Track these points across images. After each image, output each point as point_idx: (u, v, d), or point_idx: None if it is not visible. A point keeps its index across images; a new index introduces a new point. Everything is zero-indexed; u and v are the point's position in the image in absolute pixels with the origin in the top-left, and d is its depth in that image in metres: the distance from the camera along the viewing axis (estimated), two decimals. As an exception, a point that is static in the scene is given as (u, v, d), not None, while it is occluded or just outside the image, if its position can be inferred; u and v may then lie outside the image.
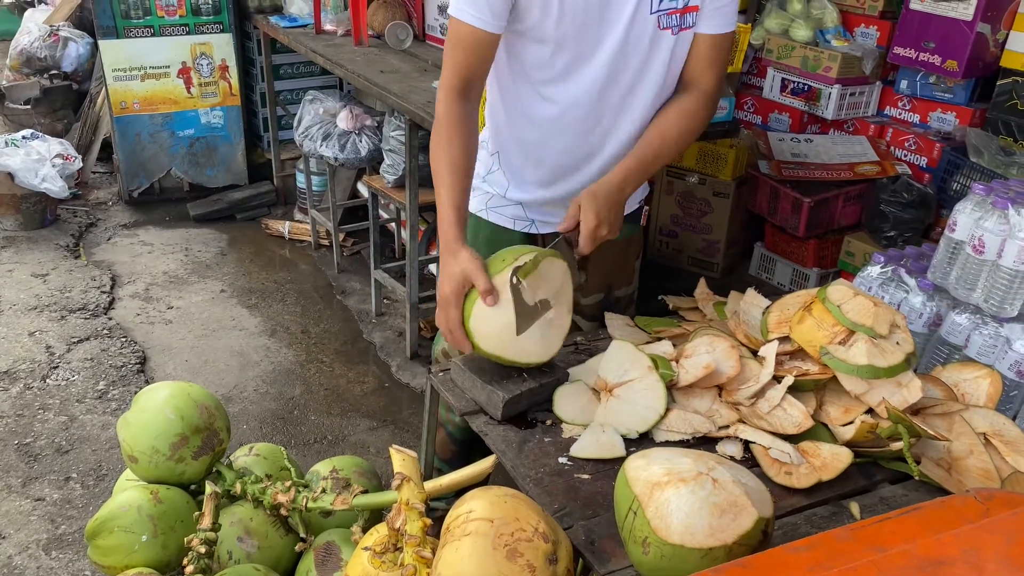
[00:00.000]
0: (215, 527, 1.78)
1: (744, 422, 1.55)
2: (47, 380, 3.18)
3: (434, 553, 1.32)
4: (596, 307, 2.03)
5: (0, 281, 3.91)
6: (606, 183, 1.68)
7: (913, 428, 1.43)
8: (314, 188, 4.60)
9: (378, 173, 3.65)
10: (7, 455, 2.75)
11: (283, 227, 4.67)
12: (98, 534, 1.87)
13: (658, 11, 1.66)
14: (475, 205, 2.00)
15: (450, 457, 2.15)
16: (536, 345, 1.62)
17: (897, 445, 1.46)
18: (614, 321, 1.94)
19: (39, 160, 4.45)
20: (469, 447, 2.07)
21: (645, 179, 1.75)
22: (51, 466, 2.71)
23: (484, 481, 1.59)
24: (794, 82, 3.76)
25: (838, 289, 1.64)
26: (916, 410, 1.54)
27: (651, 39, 1.69)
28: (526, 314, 1.59)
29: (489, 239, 1.97)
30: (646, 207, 1.94)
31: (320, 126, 3.87)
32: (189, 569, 1.68)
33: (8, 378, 3.17)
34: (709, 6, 1.67)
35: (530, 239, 1.96)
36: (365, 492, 1.78)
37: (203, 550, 1.71)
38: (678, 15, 1.68)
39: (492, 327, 1.59)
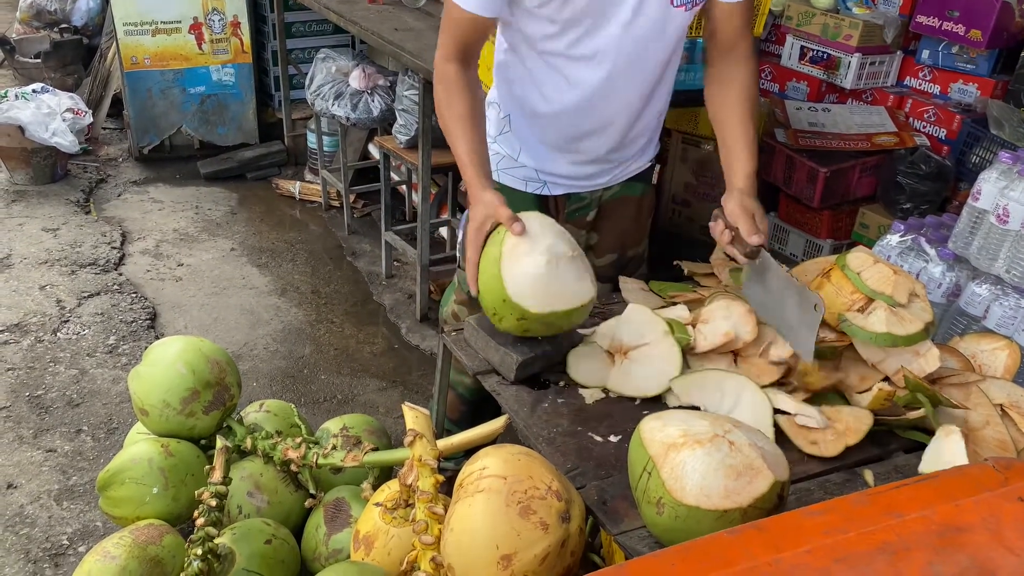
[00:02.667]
0: (226, 481, 1.78)
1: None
2: (58, 334, 3.19)
3: (446, 510, 1.32)
4: (610, 267, 2.02)
5: (11, 235, 3.91)
6: (750, 192, 1.71)
7: (935, 397, 1.42)
8: (325, 148, 4.57)
9: (390, 133, 3.62)
10: (19, 406, 2.76)
11: (294, 187, 4.65)
12: (109, 485, 1.88)
13: None
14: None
15: (459, 418, 2.16)
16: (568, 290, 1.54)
17: (914, 414, 1.45)
18: (628, 285, 1.93)
19: (49, 114, 4.43)
20: (479, 408, 2.07)
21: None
22: (62, 418, 2.73)
23: (494, 442, 1.58)
24: (813, 50, 3.70)
25: (858, 256, 1.62)
26: (933, 380, 1.52)
27: (663, 16, 1.67)
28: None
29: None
30: (658, 165, 1.94)
31: (332, 85, 3.83)
32: (200, 522, 1.69)
33: (19, 331, 3.18)
34: None
35: (542, 201, 1.95)
36: (376, 450, 1.78)
37: (214, 503, 1.72)
38: None
39: (523, 274, 1.51)
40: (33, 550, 2.22)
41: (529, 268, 1.50)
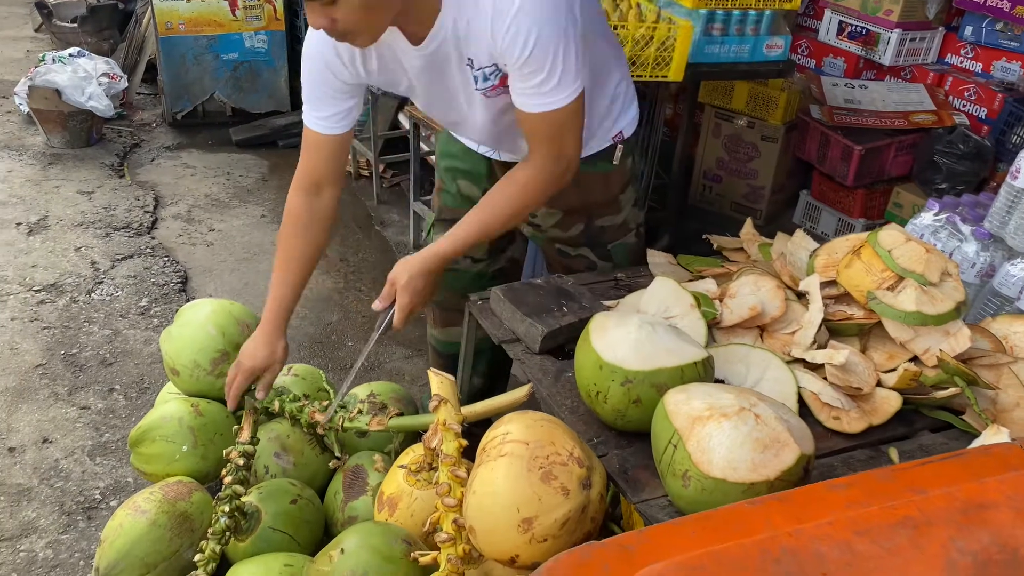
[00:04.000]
0: (253, 441, 1.81)
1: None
2: (92, 294, 3.24)
3: (468, 473, 1.34)
4: (581, 236, 1.97)
5: (48, 197, 3.97)
6: (424, 263, 1.66)
7: (972, 378, 1.40)
8: (356, 117, 4.57)
9: (421, 103, 3.62)
10: (54, 364, 2.82)
11: (324, 155, 4.66)
12: (141, 442, 1.93)
13: (481, 89, 1.60)
14: None
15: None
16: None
17: (942, 393, 1.44)
18: (655, 259, 1.92)
19: (85, 78, 4.47)
20: (454, 361, 2.09)
21: (471, 250, 1.77)
22: (95, 377, 2.78)
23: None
24: (852, 25, 3.63)
25: (890, 234, 1.60)
26: (963, 360, 1.51)
27: (464, 88, 1.63)
28: None
29: (456, 155, 1.99)
30: (620, 145, 1.85)
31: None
32: (228, 480, 1.72)
33: (55, 291, 3.24)
34: (515, 83, 1.54)
35: (490, 164, 1.95)
36: (401, 415, 1.80)
37: (241, 462, 1.75)
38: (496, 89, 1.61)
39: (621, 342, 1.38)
40: (67, 503, 2.28)
41: (621, 332, 1.38)
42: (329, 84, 1.66)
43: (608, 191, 1.92)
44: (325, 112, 1.71)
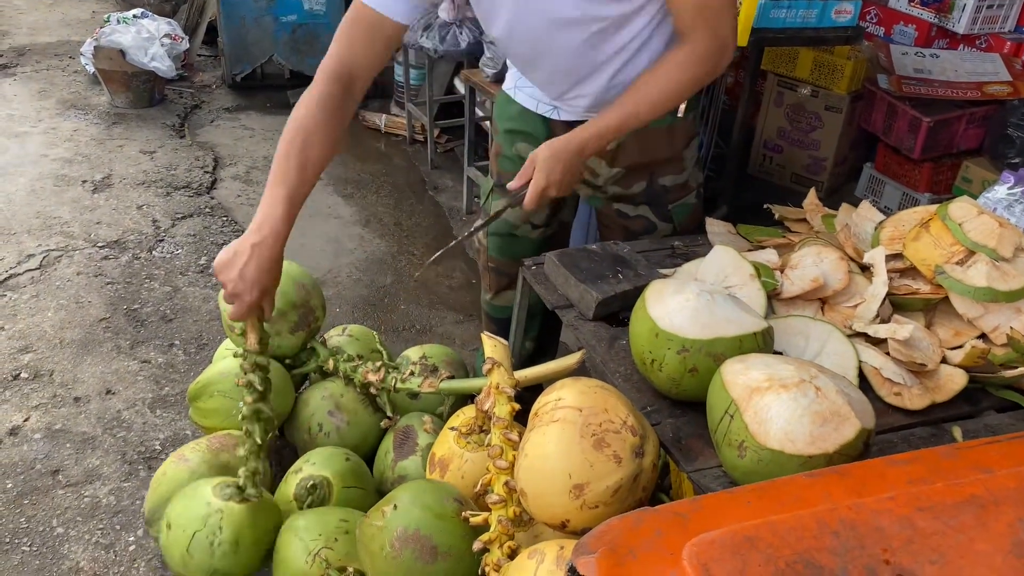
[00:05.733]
0: (264, 350, 1.65)
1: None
2: (153, 252, 3.32)
3: (520, 437, 1.34)
4: (642, 195, 1.93)
5: (112, 155, 4.06)
6: (567, 145, 1.58)
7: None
8: (411, 81, 4.57)
9: (477, 67, 3.60)
10: (117, 318, 2.91)
11: (379, 120, 4.68)
12: (199, 397, 1.97)
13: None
14: (507, 83, 1.98)
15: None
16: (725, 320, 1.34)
17: (1010, 372, 1.39)
18: (714, 227, 1.89)
19: (149, 39, 4.55)
20: (507, 326, 2.08)
21: (620, 137, 1.66)
22: (156, 332, 2.86)
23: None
24: (926, -9, 3.49)
25: (961, 206, 1.55)
26: (1034, 339, 1.46)
27: (544, 8, 1.55)
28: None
29: (514, 117, 1.95)
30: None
31: (422, 16, 3.81)
32: (249, 400, 1.66)
33: (119, 247, 3.32)
34: None
35: (549, 124, 1.88)
36: (452, 378, 1.81)
37: (257, 380, 1.64)
38: None
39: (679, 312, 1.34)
40: (129, 452, 2.35)
41: (679, 300, 1.35)
42: None
43: (672, 146, 1.88)
44: None
